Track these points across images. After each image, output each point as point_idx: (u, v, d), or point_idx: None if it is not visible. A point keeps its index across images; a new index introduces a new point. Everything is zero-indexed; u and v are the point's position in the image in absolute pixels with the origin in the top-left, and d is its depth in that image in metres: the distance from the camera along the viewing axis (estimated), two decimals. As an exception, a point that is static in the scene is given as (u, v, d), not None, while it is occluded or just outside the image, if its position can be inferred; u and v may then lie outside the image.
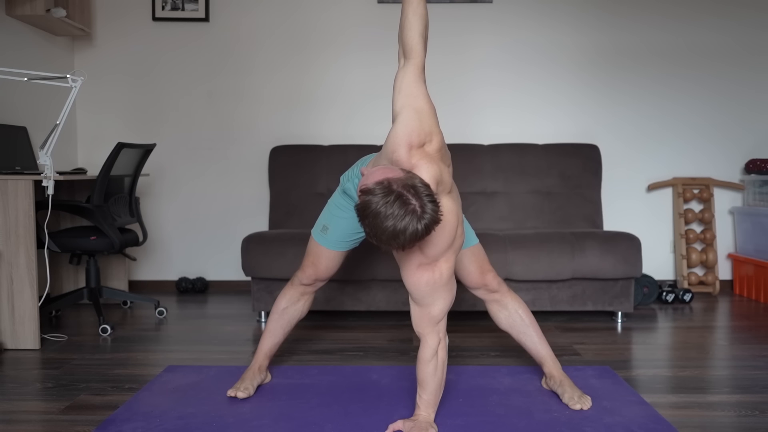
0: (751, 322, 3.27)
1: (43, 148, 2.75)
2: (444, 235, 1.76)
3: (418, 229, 1.58)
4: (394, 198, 1.57)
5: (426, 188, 1.61)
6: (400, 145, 1.76)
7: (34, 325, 2.77)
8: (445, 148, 1.85)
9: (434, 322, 1.86)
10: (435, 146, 1.79)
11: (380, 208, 1.56)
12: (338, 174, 3.79)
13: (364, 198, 1.60)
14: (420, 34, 1.86)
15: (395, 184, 1.59)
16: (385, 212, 1.56)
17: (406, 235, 1.58)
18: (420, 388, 1.89)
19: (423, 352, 1.87)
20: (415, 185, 1.60)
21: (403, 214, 1.56)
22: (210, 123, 4.10)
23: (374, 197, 1.58)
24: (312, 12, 4.05)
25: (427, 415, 1.88)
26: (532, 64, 4.07)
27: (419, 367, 1.88)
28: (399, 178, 1.61)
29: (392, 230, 1.57)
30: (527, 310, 2.22)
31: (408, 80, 1.83)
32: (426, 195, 1.60)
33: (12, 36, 3.44)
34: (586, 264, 3.19)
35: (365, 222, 1.60)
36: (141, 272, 4.17)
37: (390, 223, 1.56)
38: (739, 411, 2.04)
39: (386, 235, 1.58)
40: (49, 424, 1.95)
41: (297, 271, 2.29)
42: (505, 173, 3.80)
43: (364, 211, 1.59)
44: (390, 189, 1.58)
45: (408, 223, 1.57)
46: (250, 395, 2.15)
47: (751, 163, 3.98)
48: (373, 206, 1.57)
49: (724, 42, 4.05)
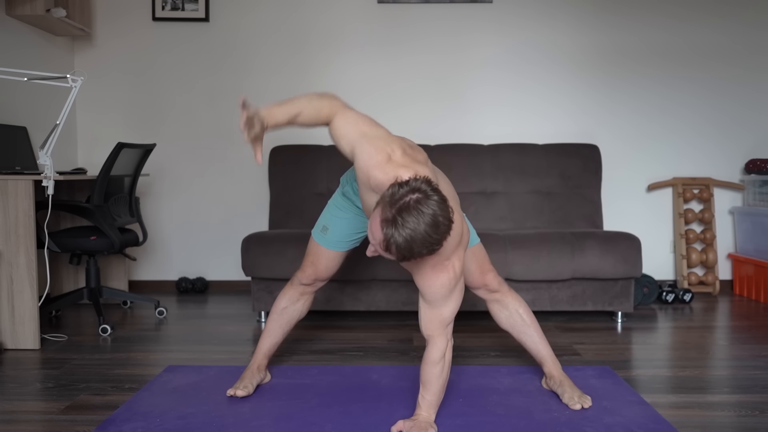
0: (751, 322, 3.27)
1: (43, 148, 2.75)
2: (453, 232, 1.75)
3: (442, 226, 1.58)
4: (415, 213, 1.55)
5: (431, 188, 1.60)
6: (371, 171, 1.74)
7: (34, 325, 2.77)
8: (411, 147, 1.84)
9: (445, 325, 1.85)
10: (398, 153, 1.77)
11: (411, 227, 1.55)
12: (338, 174, 3.79)
13: (389, 232, 1.57)
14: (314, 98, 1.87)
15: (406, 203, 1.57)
16: (415, 229, 1.54)
17: (438, 236, 1.57)
18: (423, 388, 1.89)
19: (431, 354, 1.86)
20: (420, 195, 1.58)
21: (427, 222, 1.55)
22: (210, 123, 4.10)
23: (401, 222, 1.55)
24: (312, 12, 4.05)
25: (428, 415, 1.88)
26: (532, 64, 4.07)
27: (425, 368, 1.88)
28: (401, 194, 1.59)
29: (422, 239, 1.55)
30: (528, 309, 2.22)
31: (340, 124, 1.83)
32: (435, 198, 1.58)
33: (12, 36, 3.44)
34: (586, 264, 3.19)
35: (403, 249, 1.57)
36: (141, 272, 4.17)
37: (419, 235, 1.55)
38: (739, 411, 2.04)
39: (418, 246, 1.57)
40: (49, 424, 1.95)
41: (297, 271, 2.29)
42: (505, 173, 3.80)
43: (397, 241, 1.56)
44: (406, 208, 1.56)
45: (433, 229, 1.56)
46: (250, 394, 2.15)
47: (751, 163, 3.98)
48: (406, 231, 1.55)
49: (724, 42, 4.05)
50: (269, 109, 1.84)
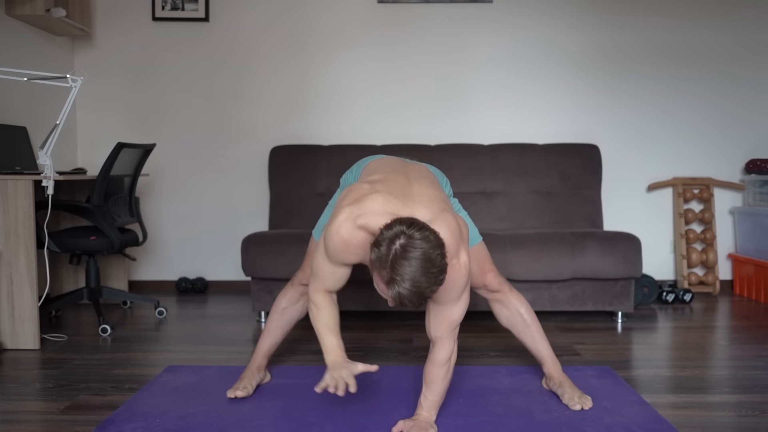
0: (751, 322, 3.27)
1: (43, 148, 2.75)
2: (449, 238, 1.72)
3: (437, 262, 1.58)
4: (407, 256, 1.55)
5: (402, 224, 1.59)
6: (351, 247, 1.74)
7: (34, 325, 2.77)
8: (373, 175, 1.86)
9: (453, 327, 1.85)
10: (346, 214, 1.73)
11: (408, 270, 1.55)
12: (338, 174, 3.79)
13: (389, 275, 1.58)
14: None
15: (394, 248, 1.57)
16: (414, 277, 1.55)
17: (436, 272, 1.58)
18: (426, 388, 1.88)
19: (438, 355, 1.85)
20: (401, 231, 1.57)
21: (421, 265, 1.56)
22: (210, 123, 4.10)
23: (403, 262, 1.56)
24: (312, 12, 4.05)
25: (429, 415, 1.88)
26: (532, 64, 4.07)
27: (431, 368, 1.87)
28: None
29: (427, 280, 1.56)
30: (530, 309, 2.21)
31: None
32: (415, 234, 1.57)
33: (12, 36, 3.44)
34: (586, 264, 3.18)
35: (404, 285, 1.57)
36: (141, 272, 4.17)
37: (422, 279, 1.56)
38: (739, 411, 2.04)
39: (426, 287, 1.57)
40: (49, 424, 1.95)
41: (297, 271, 2.29)
42: (505, 173, 3.80)
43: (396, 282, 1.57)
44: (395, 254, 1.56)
45: (430, 265, 1.56)
46: (249, 394, 2.15)
47: (752, 163, 3.98)
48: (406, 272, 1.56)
49: (724, 42, 4.04)
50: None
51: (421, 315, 3.47)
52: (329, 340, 1.83)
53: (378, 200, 1.73)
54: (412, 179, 1.89)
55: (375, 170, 1.96)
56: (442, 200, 1.82)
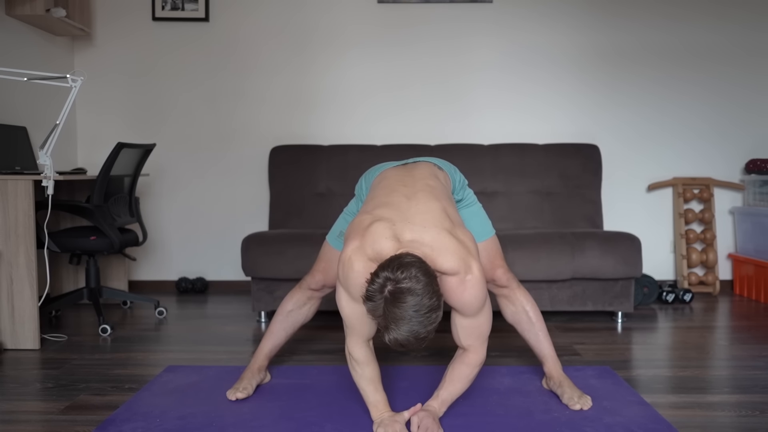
0: (751, 322, 3.27)
1: (43, 148, 2.75)
2: (452, 254, 1.73)
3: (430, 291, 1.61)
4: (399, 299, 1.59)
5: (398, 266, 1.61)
6: (353, 285, 1.76)
7: (34, 325, 2.77)
8: (374, 200, 1.88)
9: (484, 337, 1.89)
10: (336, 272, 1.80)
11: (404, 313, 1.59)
12: (338, 174, 3.79)
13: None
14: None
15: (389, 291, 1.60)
16: (411, 319, 1.59)
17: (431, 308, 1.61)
18: (445, 383, 1.91)
19: (470, 357, 1.89)
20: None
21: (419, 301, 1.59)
22: (210, 123, 4.10)
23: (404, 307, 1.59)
24: (312, 12, 4.05)
25: (439, 409, 1.89)
26: (533, 64, 4.07)
27: (458, 366, 1.90)
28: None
29: (422, 320, 1.60)
30: (535, 307, 2.21)
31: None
32: (401, 277, 1.59)
33: (12, 36, 3.44)
34: (586, 264, 3.18)
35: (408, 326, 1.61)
36: (141, 272, 4.17)
37: (416, 321, 1.60)
38: (740, 411, 2.04)
39: (425, 326, 1.61)
40: (49, 424, 1.94)
41: (306, 275, 2.29)
42: (505, 173, 3.80)
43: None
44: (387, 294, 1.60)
45: (421, 304, 1.59)
46: (249, 395, 2.15)
47: (752, 163, 3.98)
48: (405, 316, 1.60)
49: (724, 43, 4.04)
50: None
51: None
52: (375, 397, 1.89)
53: (380, 228, 1.75)
54: (412, 196, 1.86)
55: (376, 194, 1.95)
56: (442, 215, 1.81)
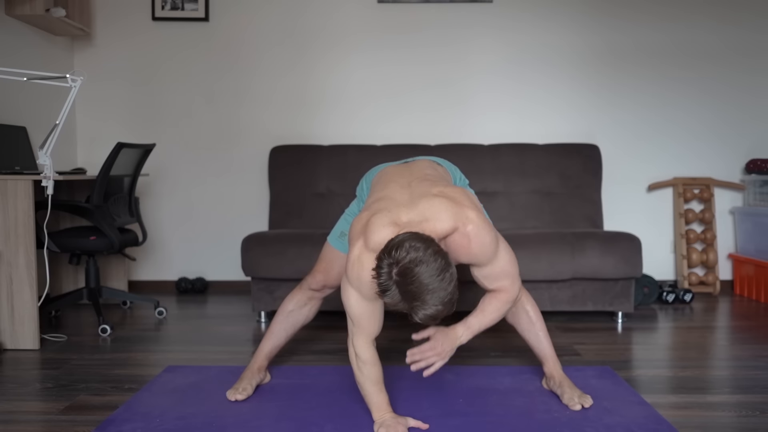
0: (751, 323, 3.26)
1: (43, 148, 2.75)
2: (448, 205, 1.74)
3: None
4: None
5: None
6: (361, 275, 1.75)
7: (34, 325, 2.77)
8: (373, 196, 1.88)
9: (512, 276, 1.88)
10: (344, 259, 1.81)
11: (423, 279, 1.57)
12: (338, 174, 3.79)
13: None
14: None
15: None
16: (433, 288, 1.57)
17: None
18: (477, 312, 1.92)
19: (502, 295, 1.90)
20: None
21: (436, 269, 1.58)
22: (210, 123, 4.10)
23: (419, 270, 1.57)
24: (311, 12, 4.05)
25: (462, 333, 1.90)
26: (533, 64, 4.06)
27: (490, 300, 1.91)
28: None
29: (439, 284, 1.58)
30: (536, 308, 2.21)
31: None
32: (403, 253, 1.58)
33: (12, 36, 3.44)
34: (586, 264, 3.18)
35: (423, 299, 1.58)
36: (141, 272, 4.16)
37: (436, 286, 1.58)
38: (740, 411, 2.04)
39: (446, 291, 1.59)
40: (49, 424, 1.94)
41: (307, 276, 2.29)
42: (505, 173, 3.80)
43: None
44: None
45: (433, 267, 1.58)
46: (249, 395, 2.15)
47: (752, 163, 3.97)
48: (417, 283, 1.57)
49: (726, 43, 4.04)
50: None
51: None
52: (378, 398, 1.89)
53: (378, 219, 1.75)
54: (407, 185, 1.88)
55: (374, 190, 1.96)
56: (437, 184, 1.82)
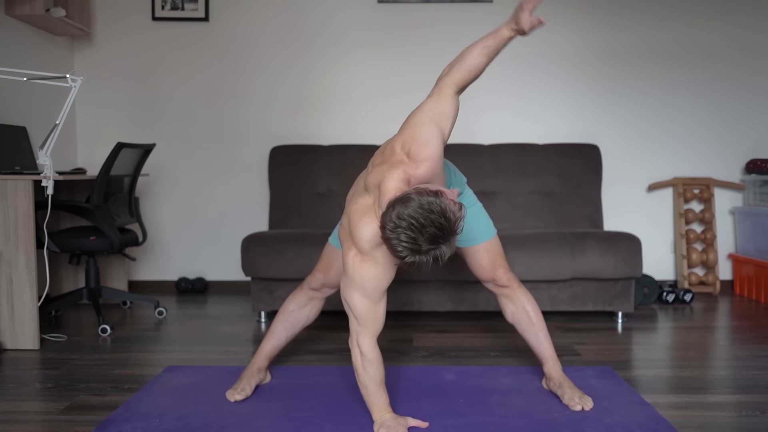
0: (751, 323, 3.26)
1: (43, 148, 2.75)
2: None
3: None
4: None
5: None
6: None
7: (34, 326, 2.77)
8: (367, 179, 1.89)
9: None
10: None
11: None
12: (338, 174, 3.78)
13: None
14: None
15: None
16: (440, 224, 1.57)
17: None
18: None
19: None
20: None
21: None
22: (210, 123, 4.10)
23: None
24: (311, 11, 4.05)
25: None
26: (533, 64, 4.06)
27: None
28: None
29: (440, 217, 1.58)
30: (536, 308, 2.21)
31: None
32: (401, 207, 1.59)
33: (12, 36, 3.44)
34: (586, 264, 3.18)
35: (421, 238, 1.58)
36: (141, 272, 4.16)
37: (437, 219, 1.57)
38: (740, 411, 2.04)
39: (451, 222, 1.59)
40: (49, 424, 1.94)
41: (308, 276, 2.29)
42: (505, 173, 3.80)
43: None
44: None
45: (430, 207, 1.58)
46: (248, 396, 2.15)
47: (752, 163, 3.97)
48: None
49: (726, 43, 4.04)
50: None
51: (420, 315, 3.46)
52: (379, 398, 1.88)
53: (356, 218, 1.79)
54: (378, 165, 1.88)
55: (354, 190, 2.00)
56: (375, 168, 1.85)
